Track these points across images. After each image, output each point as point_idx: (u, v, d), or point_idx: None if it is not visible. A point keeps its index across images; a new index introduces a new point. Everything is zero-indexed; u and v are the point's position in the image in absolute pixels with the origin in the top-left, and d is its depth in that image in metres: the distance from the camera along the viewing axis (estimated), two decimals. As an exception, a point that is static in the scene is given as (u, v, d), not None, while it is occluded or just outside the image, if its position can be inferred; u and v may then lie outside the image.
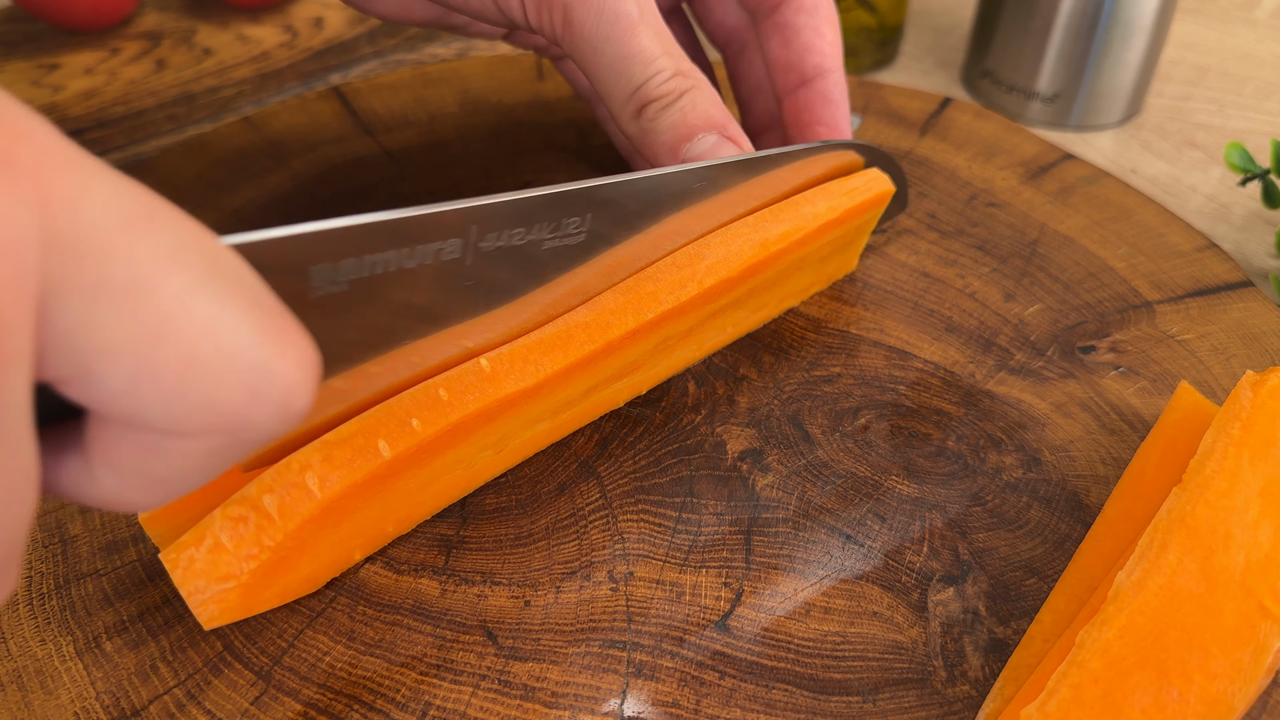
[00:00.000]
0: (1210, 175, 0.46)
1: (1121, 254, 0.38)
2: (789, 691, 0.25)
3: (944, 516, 0.29)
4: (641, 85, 0.29)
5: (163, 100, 0.48)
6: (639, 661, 0.25)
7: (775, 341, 0.34)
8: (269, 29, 0.53)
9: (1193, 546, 0.24)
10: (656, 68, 0.28)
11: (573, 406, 0.29)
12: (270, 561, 0.23)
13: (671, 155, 0.29)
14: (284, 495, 0.23)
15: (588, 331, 0.27)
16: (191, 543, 0.23)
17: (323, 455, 0.24)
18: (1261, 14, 0.60)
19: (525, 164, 0.42)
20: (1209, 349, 0.34)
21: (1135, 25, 0.46)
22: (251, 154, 0.42)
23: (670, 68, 0.29)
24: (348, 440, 0.24)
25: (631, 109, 0.29)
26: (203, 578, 0.23)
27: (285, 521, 0.23)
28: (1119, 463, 0.30)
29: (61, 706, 0.24)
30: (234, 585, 0.23)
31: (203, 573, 0.23)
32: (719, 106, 0.29)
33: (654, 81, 0.29)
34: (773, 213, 0.31)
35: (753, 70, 0.37)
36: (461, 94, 0.45)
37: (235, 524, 0.23)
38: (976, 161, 0.42)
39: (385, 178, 0.41)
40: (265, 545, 0.23)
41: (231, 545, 0.23)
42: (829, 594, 0.27)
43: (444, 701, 0.24)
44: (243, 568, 0.23)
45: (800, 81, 0.34)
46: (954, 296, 0.36)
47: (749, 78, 0.37)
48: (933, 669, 0.25)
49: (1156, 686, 0.22)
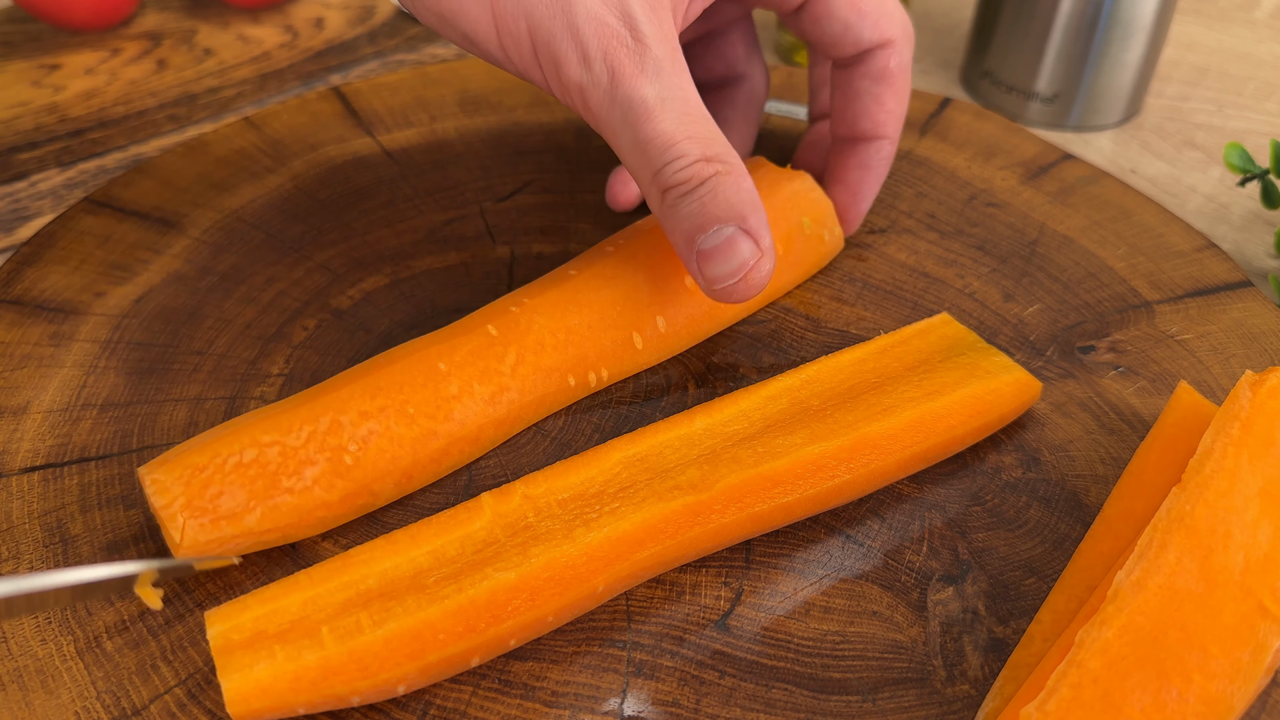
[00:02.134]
0: (1209, 175, 0.47)
1: (1121, 254, 0.38)
2: (789, 691, 0.25)
3: (943, 516, 0.29)
4: (659, 170, 0.27)
5: (164, 100, 0.48)
6: (639, 661, 0.25)
7: (775, 341, 0.34)
8: (269, 29, 0.53)
9: (1192, 546, 0.24)
10: (676, 153, 0.27)
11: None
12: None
13: (688, 246, 0.28)
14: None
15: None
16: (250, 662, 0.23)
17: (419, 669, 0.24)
18: (1261, 14, 0.60)
19: (525, 164, 0.42)
20: (1208, 349, 0.34)
21: (1135, 25, 0.46)
22: (252, 154, 0.42)
23: (693, 153, 0.27)
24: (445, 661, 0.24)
25: (655, 193, 0.28)
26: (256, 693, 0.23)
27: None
28: (1118, 462, 0.30)
29: (62, 706, 0.24)
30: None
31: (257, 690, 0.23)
32: (745, 193, 0.27)
33: (671, 168, 0.27)
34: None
35: (824, 71, 0.38)
36: (461, 94, 0.45)
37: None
38: (976, 162, 0.42)
39: (385, 178, 0.41)
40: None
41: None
42: (829, 593, 0.27)
43: (444, 701, 0.25)
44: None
45: (849, 136, 0.35)
46: (953, 296, 0.36)
47: (822, 74, 0.38)
48: (932, 668, 0.25)
49: (1156, 686, 0.22)
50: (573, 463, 0.27)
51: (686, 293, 0.32)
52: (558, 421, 0.31)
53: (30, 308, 0.34)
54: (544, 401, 0.30)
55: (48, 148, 0.44)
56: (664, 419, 0.29)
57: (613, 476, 0.27)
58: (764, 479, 0.27)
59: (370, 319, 0.34)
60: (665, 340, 0.32)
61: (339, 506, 0.27)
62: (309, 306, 0.35)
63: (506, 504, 0.26)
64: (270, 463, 0.26)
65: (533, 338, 0.30)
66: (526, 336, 0.30)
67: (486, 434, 0.29)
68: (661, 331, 0.32)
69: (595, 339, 0.31)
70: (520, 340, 0.30)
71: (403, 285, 0.36)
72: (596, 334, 0.31)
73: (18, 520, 0.28)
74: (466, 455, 0.29)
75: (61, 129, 0.46)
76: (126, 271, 0.36)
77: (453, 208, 0.39)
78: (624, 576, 0.26)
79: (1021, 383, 0.30)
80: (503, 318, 0.30)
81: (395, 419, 0.28)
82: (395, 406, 0.28)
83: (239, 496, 0.26)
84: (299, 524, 0.27)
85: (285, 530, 0.27)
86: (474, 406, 0.29)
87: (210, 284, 0.36)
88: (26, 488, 0.29)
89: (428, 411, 0.28)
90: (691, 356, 0.34)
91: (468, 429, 0.29)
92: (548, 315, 0.30)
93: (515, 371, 0.30)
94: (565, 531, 0.25)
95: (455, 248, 0.38)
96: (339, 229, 0.38)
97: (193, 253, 0.37)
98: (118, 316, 0.34)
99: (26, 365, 0.32)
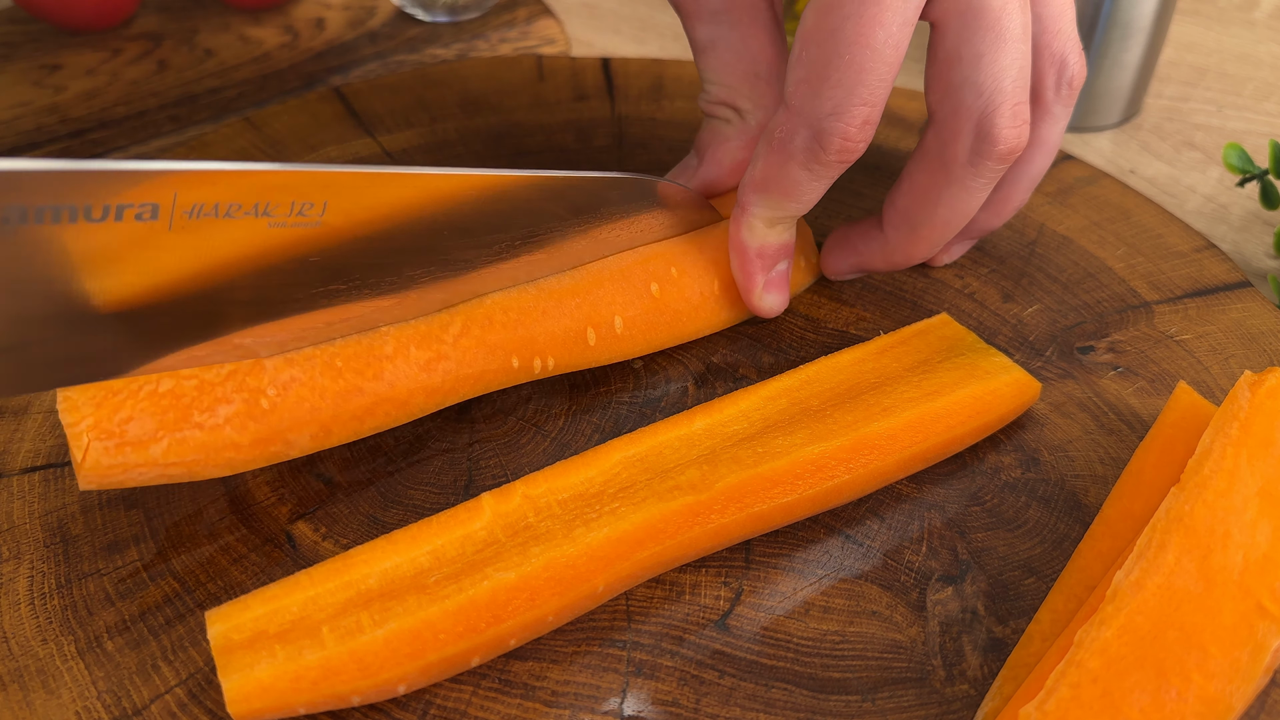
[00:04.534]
0: (1209, 176, 0.47)
1: (1120, 254, 0.38)
2: (788, 690, 0.25)
3: (942, 516, 0.29)
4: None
5: (164, 101, 0.48)
6: (639, 660, 0.25)
7: (775, 342, 0.34)
8: (270, 30, 0.53)
9: (1191, 546, 0.24)
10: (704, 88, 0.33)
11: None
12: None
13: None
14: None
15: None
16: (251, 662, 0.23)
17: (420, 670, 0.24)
18: (1260, 15, 0.60)
19: (525, 164, 0.42)
20: (1207, 349, 0.34)
21: (1134, 26, 0.46)
22: (252, 154, 0.42)
23: (715, 95, 0.33)
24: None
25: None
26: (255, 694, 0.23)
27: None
28: (1117, 462, 0.30)
29: (63, 706, 0.24)
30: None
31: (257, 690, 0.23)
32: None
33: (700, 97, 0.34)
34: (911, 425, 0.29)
35: None
36: (461, 94, 0.45)
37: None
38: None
39: (386, 178, 0.41)
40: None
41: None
42: (828, 593, 0.27)
43: (445, 700, 0.25)
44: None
45: None
46: (953, 296, 0.36)
47: None
48: (931, 668, 0.25)
49: (1155, 686, 0.22)
50: (573, 463, 0.27)
51: (650, 298, 0.32)
52: (558, 422, 0.31)
53: (31, 308, 0.34)
54: (483, 378, 0.30)
55: (49, 148, 0.44)
56: (664, 419, 0.29)
57: (613, 476, 0.27)
58: (764, 479, 0.27)
59: (370, 319, 0.34)
60: (620, 341, 0.32)
61: (249, 450, 0.26)
62: (309, 307, 0.35)
63: (506, 504, 0.26)
64: (185, 395, 0.26)
65: (482, 311, 0.29)
66: (476, 308, 0.29)
67: (416, 400, 0.29)
68: (617, 332, 0.32)
69: (547, 325, 0.30)
70: (468, 311, 0.29)
71: (403, 286, 0.36)
72: (550, 320, 0.30)
73: (19, 520, 0.28)
74: (392, 419, 0.28)
75: (62, 129, 0.46)
76: (127, 272, 0.36)
77: (453, 208, 0.39)
78: (624, 576, 0.26)
79: (1021, 383, 0.30)
80: None
81: (321, 370, 0.27)
82: (323, 357, 0.27)
83: (148, 425, 0.25)
84: (205, 462, 0.26)
85: (191, 466, 0.26)
86: (407, 370, 0.28)
87: (211, 284, 0.36)
88: (27, 488, 0.29)
89: (356, 368, 0.27)
90: (691, 356, 0.34)
91: (396, 391, 0.28)
92: (504, 290, 0.30)
93: (457, 342, 0.29)
94: (565, 531, 0.25)
95: (455, 248, 0.38)
96: (339, 229, 0.38)
97: (193, 253, 0.37)
98: (118, 317, 0.34)
99: (27, 365, 0.32)
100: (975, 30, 0.28)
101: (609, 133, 0.43)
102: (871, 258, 0.34)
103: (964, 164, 0.29)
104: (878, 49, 0.26)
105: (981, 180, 0.29)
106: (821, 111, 0.28)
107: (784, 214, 0.31)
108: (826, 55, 0.27)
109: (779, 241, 0.32)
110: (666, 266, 0.33)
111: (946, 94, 0.29)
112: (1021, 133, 0.28)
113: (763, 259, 0.32)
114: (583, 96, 0.46)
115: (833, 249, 0.35)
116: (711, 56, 0.31)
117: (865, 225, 0.34)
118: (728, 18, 0.31)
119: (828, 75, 0.27)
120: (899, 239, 0.32)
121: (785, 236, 0.32)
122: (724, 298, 0.33)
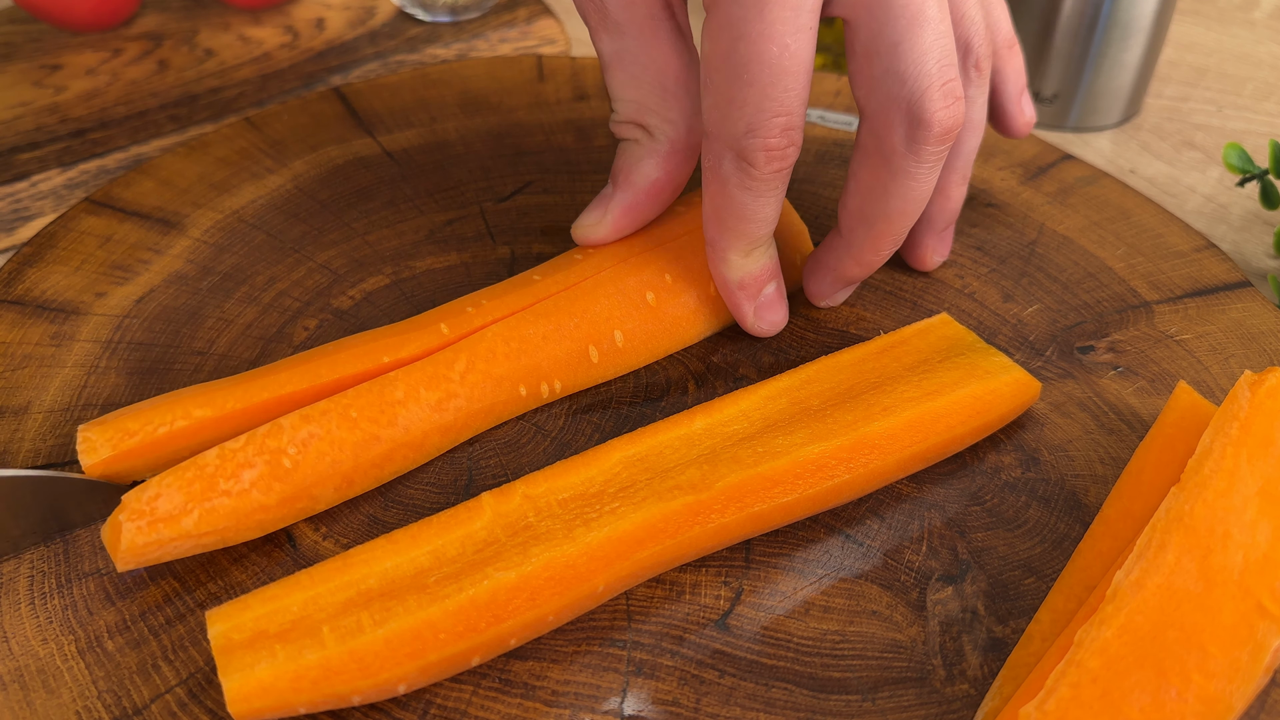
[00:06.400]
0: (1208, 176, 0.47)
1: (1120, 254, 0.38)
2: (788, 690, 0.25)
3: (942, 516, 0.29)
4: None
5: (165, 101, 0.48)
6: (639, 660, 0.25)
7: (775, 341, 0.34)
8: (270, 30, 0.53)
9: (1191, 546, 0.24)
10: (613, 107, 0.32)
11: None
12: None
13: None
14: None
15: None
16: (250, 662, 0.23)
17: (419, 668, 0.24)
18: (1260, 15, 0.60)
19: (525, 164, 0.42)
20: (1207, 349, 0.34)
21: (1134, 26, 0.46)
22: (253, 154, 0.42)
23: (624, 113, 0.32)
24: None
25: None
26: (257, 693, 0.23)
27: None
28: (1117, 462, 0.30)
29: (63, 705, 0.24)
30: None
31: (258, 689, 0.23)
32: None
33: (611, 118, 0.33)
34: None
35: None
36: (461, 94, 0.46)
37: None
38: (975, 162, 0.42)
39: (386, 178, 0.41)
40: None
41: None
42: (828, 593, 0.27)
43: (445, 700, 0.25)
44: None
45: None
46: (953, 296, 0.36)
47: None
48: (931, 668, 0.25)
49: (1155, 685, 0.22)
50: (573, 463, 0.27)
51: (647, 308, 0.32)
52: (558, 422, 0.31)
53: (31, 308, 0.34)
54: (493, 410, 0.30)
55: (49, 148, 0.44)
56: (664, 419, 0.29)
57: (613, 476, 0.27)
58: (764, 479, 0.27)
59: (371, 319, 0.35)
60: (622, 355, 0.32)
61: (277, 509, 0.27)
62: (310, 307, 0.35)
63: (507, 504, 0.26)
64: (208, 466, 0.26)
65: (484, 345, 0.30)
66: (479, 343, 0.30)
67: (432, 440, 0.29)
68: (619, 346, 0.32)
69: (550, 349, 0.31)
70: (471, 346, 0.30)
71: (403, 285, 0.36)
72: (551, 344, 0.31)
73: (19, 520, 0.28)
74: (411, 461, 0.29)
75: (63, 129, 0.46)
76: (127, 272, 0.36)
77: (453, 208, 0.39)
78: (624, 576, 0.26)
79: (1021, 383, 0.30)
80: (457, 317, 0.30)
81: (337, 422, 0.28)
82: (338, 410, 0.28)
83: (176, 499, 0.26)
84: (237, 527, 0.26)
85: (223, 534, 0.26)
86: (419, 412, 0.29)
87: (211, 284, 0.36)
88: (28, 488, 0.29)
89: (371, 415, 0.28)
90: (691, 356, 0.34)
91: (412, 435, 0.29)
92: (503, 321, 0.30)
93: (464, 378, 0.29)
94: (565, 531, 0.25)
95: (456, 248, 0.38)
96: (340, 229, 0.38)
97: (194, 253, 0.37)
98: (119, 317, 0.34)
99: (28, 365, 0.32)
100: (886, 19, 0.27)
101: (609, 133, 0.43)
102: (843, 266, 0.33)
103: (903, 154, 0.29)
104: (775, 63, 0.26)
105: (925, 166, 0.29)
106: (737, 132, 0.27)
107: (750, 241, 0.30)
108: (727, 78, 0.27)
109: (758, 268, 0.32)
110: (660, 274, 0.33)
111: (872, 88, 0.28)
112: (955, 110, 0.28)
113: (746, 289, 0.32)
114: (583, 96, 0.46)
115: (809, 276, 0.34)
116: (618, 70, 0.31)
117: (828, 239, 0.34)
118: (630, 29, 0.30)
119: (733, 97, 0.27)
120: (859, 239, 0.32)
121: (764, 261, 0.32)
122: (720, 300, 0.33)
